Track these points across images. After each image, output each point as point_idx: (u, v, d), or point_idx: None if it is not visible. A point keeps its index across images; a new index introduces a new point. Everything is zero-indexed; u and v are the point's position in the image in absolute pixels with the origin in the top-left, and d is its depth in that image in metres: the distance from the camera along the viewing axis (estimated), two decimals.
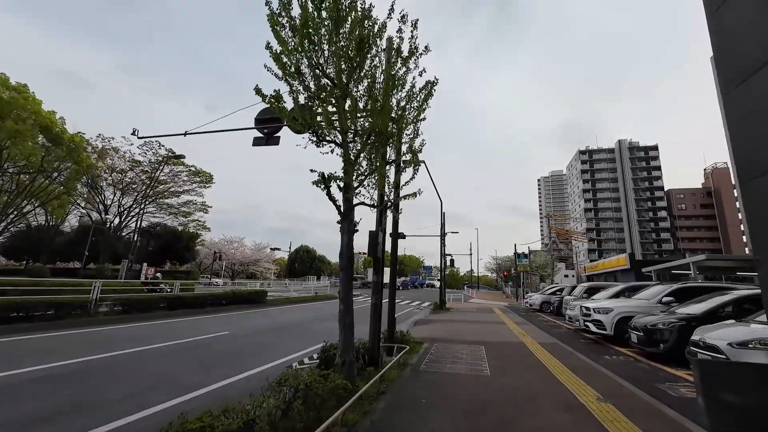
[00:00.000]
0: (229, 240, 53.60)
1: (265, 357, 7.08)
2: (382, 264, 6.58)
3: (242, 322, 11.95)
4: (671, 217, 73.97)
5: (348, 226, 5.06)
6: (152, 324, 10.65)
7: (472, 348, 8.01)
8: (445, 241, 24.04)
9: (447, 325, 12.47)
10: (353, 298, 5.06)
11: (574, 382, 5.24)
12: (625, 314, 8.41)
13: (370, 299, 6.32)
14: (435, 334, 10.00)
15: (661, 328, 6.58)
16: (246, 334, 9.76)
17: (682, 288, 8.52)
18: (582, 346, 8.49)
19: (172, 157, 26.99)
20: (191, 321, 11.55)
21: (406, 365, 6.26)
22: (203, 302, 13.77)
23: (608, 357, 7.31)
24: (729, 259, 17.34)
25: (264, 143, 9.58)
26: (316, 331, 10.59)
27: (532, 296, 21.66)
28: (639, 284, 11.33)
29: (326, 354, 5.15)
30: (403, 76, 5.15)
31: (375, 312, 6.20)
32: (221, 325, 10.91)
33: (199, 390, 4.83)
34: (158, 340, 8.30)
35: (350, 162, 4.79)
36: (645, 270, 20.84)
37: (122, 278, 22.60)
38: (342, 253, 5.04)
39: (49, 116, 24.57)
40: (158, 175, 32.48)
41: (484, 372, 5.90)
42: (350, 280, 4.96)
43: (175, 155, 24.58)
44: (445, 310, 19.08)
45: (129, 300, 11.39)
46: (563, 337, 10.21)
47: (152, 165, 35.29)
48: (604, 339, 9.31)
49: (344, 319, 4.80)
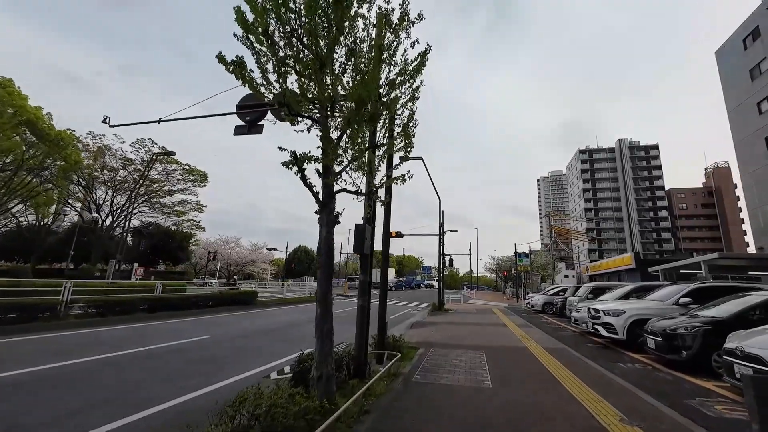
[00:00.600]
0: (225, 240, 52.76)
1: (243, 364, 6.39)
2: (371, 262, 5.88)
3: (227, 324, 11.23)
4: (672, 217, 73.38)
5: (327, 217, 4.35)
6: (128, 327, 9.93)
7: (471, 354, 7.31)
8: (443, 240, 23.35)
9: (445, 327, 11.77)
10: (349, 300, 4.35)
11: (590, 396, 4.53)
12: (639, 317, 7.71)
13: (357, 301, 5.61)
14: (431, 338, 9.30)
15: (684, 334, 5.88)
16: (228, 338, 9.05)
17: (700, 288, 7.83)
18: (591, 352, 7.79)
19: (162, 153, 26.21)
20: (172, 324, 10.82)
21: (398, 375, 5.56)
22: (188, 304, 13.04)
23: (622, 365, 6.60)
24: (742, 257, 16.69)
25: (246, 132, 8.86)
26: (306, 334, 9.87)
27: (534, 297, 20.96)
28: (650, 284, 10.62)
29: (302, 366, 4.43)
30: (392, 46, 4.45)
31: (362, 315, 5.49)
32: (204, 329, 10.19)
33: (152, 408, 4.12)
34: (130, 346, 7.60)
35: (329, 141, 4.08)
36: (651, 269, 20.14)
37: (110, 278, 21.87)
38: (320, 248, 4.34)
39: (35, 111, 23.82)
40: (148, 173, 31.63)
41: (485, 383, 5.19)
42: (329, 280, 4.26)
43: (166, 152, 23.83)
44: (443, 311, 18.38)
45: (105, 301, 10.66)
46: (569, 341, 9.51)
47: (145, 163, 34.54)
48: (614, 343, 8.61)
49: (321, 326, 4.10)
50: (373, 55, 4.15)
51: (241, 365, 6.35)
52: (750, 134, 23.68)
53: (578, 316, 10.66)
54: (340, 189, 4.52)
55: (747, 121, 24.04)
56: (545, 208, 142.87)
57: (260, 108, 8.11)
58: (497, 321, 14.14)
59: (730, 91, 25.86)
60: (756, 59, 23.27)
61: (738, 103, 24.83)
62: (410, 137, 4.70)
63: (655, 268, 19.65)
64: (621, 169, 78.25)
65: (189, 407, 4.25)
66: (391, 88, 4.63)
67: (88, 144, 32.82)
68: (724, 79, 26.47)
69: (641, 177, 76.74)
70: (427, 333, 10.38)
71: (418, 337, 9.56)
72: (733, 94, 25.53)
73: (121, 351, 7.08)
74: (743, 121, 24.39)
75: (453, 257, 33.41)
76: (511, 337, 9.78)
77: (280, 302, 19.44)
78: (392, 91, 4.62)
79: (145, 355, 6.94)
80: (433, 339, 9.23)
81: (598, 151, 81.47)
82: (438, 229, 23.53)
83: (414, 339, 9.14)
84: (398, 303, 24.66)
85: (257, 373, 5.88)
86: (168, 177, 38.15)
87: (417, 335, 9.88)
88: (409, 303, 24.91)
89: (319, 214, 4.44)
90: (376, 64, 4.11)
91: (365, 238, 5.42)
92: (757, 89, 23.12)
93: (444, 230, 23.57)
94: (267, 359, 6.85)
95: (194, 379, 5.34)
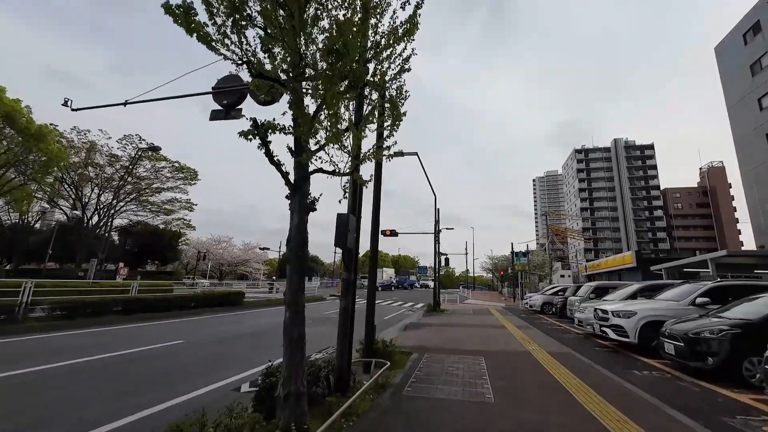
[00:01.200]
0: (217, 240, 51.63)
1: (213, 374, 5.63)
2: (356, 257, 5.15)
3: (207, 327, 10.44)
4: (667, 216, 73.42)
5: (300, 203, 3.63)
6: (97, 331, 9.10)
7: (470, 360, 6.61)
8: (439, 239, 22.69)
9: (441, 330, 11.06)
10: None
11: (611, 414, 3.84)
12: (652, 319, 7.06)
13: (339, 303, 4.88)
14: (426, 342, 8.59)
15: (709, 338, 5.22)
16: (204, 342, 8.27)
17: (718, 287, 7.19)
18: (601, 358, 7.12)
19: (147, 149, 25.22)
20: (146, 327, 10.02)
21: (386, 387, 4.83)
22: (168, 305, 12.21)
23: (637, 372, 5.94)
24: (750, 255, 16.19)
25: (223, 117, 8.09)
26: None
27: (533, 297, 20.34)
28: (659, 283, 9.99)
29: (268, 381, 3.69)
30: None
31: (345, 319, 4.76)
32: (179, 332, 9.40)
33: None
34: (91, 353, 6.81)
35: (300, 108, 3.36)
36: (654, 268, 19.60)
37: (91, 278, 20.94)
38: (290, 238, 3.61)
39: (13, 104, 22.74)
40: (134, 169, 30.56)
41: (486, 397, 4.49)
42: (300, 277, 3.53)
43: (151, 147, 22.87)
44: (439, 311, 17.69)
45: (74, 303, 9.82)
46: (574, 344, 8.85)
47: (132, 160, 33.51)
48: (623, 347, 7.96)
49: (290, 332, 3.37)
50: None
51: (210, 375, 5.59)
52: (750, 131, 23.29)
53: (582, 317, 10.01)
54: (315, 169, 3.80)
55: (747, 117, 23.65)
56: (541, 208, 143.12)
57: (238, 88, 7.35)
58: (495, 322, 13.47)
59: (729, 87, 25.48)
60: (757, 54, 22.89)
61: (738, 100, 24.45)
62: (398, 108, 3.99)
63: (657, 266, 19.11)
64: (616, 169, 78.20)
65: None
66: (378, 54, 3.91)
67: (72, 140, 31.76)
68: (724, 75, 26.09)
69: (637, 176, 76.73)
70: (421, 336, 9.67)
71: (412, 340, 8.85)
72: (733, 90, 25.14)
73: (78, 359, 6.30)
74: (743, 117, 24.00)
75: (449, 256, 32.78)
76: (511, 340, 9.10)
77: (269, 303, 18.62)
78: (380, 54, 3.90)
79: (104, 363, 6.16)
80: (427, 343, 8.52)
81: (594, 151, 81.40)
82: (433, 227, 22.88)
83: (407, 343, 8.42)
84: (393, 303, 23.94)
85: (225, 386, 5.13)
86: (157, 174, 37.14)
87: (411, 338, 9.16)
88: (404, 303, 24.20)
89: (290, 198, 3.71)
90: (357, 12, 3.40)
91: (348, 229, 4.69)
92: (757, 85, 22.73)
93: (440, 228, 22.91)
94: (241, 368, 6.09)
95: (149, 395, 4.58)
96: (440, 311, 17.90)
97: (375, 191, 5.96)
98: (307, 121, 3.33)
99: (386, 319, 15.16)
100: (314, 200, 3.84)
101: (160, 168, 36.88)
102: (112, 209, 33.57)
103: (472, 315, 16.72)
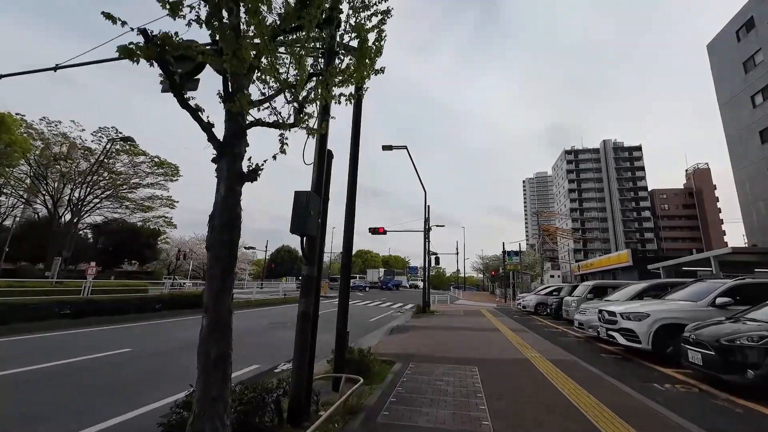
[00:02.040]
0: (200, 239, 49.85)
1: (146, 395, 4.54)
2: (321, 248, 4.12)
3: (164, 333, 9.25)
4: (655, 217, 74.20)
5: (230, 167, 2.61)
6: (29, 339, 7.86)
7: (461, 372, 5.64)
8: (429, 237, 21.79)
9: (429, 333, 10.09)
10: (328, 302, 2.59)
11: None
12: (667, 321, 6.21)
13: (298, 306, 3.84)
14: (413, 348, 7.59)
15: (747, 346, 4.35)
16: (153, 352, 7.12)
17: (741, 286, 6.38)
18: (611, 367, 6.22)
19: (120, 139, 23.66)
20: (93, 333, 8.78)
21: (358, 412, 3.82)
22: (127, 307, 10.95)
23: (659, 386, 5.04)
24: (756, 252, 15.67)
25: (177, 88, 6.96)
26: (259, 345, 8.04)
27: (526, 297, 19.55)
28: (668, 281, 9.18)
29: (176, 418, 2.63)
30: None
31: (304, 327, 3.72)
32: (129, 339, 8.22)
33: None
34: (9, 365, 5.62)
35: (222, 31, 2.33)
36: (651, 267, 19.00)
37: (54, 278, 19.42)
38: (214, 216, 2.57)
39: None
40: (103, 160, 28.77)
41: (483, 424, 3.51)
42: (226, 268, 2.50)
43: (124, 138, 21.39)
44: (429, 313, 16.75)
45: (7, 305, 8.53)
46: (577, 350, 7.97)
47: (105, 152, 31.77)
48: (632, 353, 7.10)
49: (206, 350, 2.37)
50: None
51: (142, 395, 4.50)
52: (743, 129, 22.99)
53: (583, 319, 9.15)
54: (252, 122, 2.77)
55: (740, 115, 23.35)
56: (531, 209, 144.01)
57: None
58: (488, 325, 12.57)
59: (722, 85, 25.20)
60: (750, 51, 22.59)
61: (731, 97, 24.16)
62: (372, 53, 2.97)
63: (655, 265, 18.48)
64: (605, 170, 78.77)
65: None
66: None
67: (42, 131, 29.91)
68: (716, 72, 25.81)
69: (625, 177, 77.43)
70: (408, 341, 8.67)
71: (397, 346, 7.84)
72: (725, 88, 24.86)
73: None
74: (736, 115, 23.70)
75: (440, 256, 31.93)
76: (507, 346, 8.18)
77: (247, 304, 17.41)
78: None
79: (14, 381, 4.99)
80: (414, 349, 7.53)
81: (584, 152, 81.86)
82: (423, 224, 21.96)
83: (391, 349, 7.42)
84: (381, 304, 22.93)
85: (156, 410, 4.06)
86: (135, 169, 35.39)
87: (395, 344, 8.16)
88: (392, 304, 23.21)
89: (217, 161, 2.68)
90: None
91: (308, 211, 3.66)
92: (751, 82, 22.43)
93: (430, 225, 22.01)
94: (184, 385, 4.99)
95: (48, 423, 3.48)
96: (430, 312, 16.97)
97: (350, 163, 4.93)
98: (231, 43, 2.30)
99: (372, 321, 14.16)
100: (256, 168, 2.81)
101: (138, 163, 35.19)
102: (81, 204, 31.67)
103: (464, 317, 15.82)
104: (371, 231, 23.84)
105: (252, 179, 2.81)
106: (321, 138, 4.16)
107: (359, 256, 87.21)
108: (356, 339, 9.10)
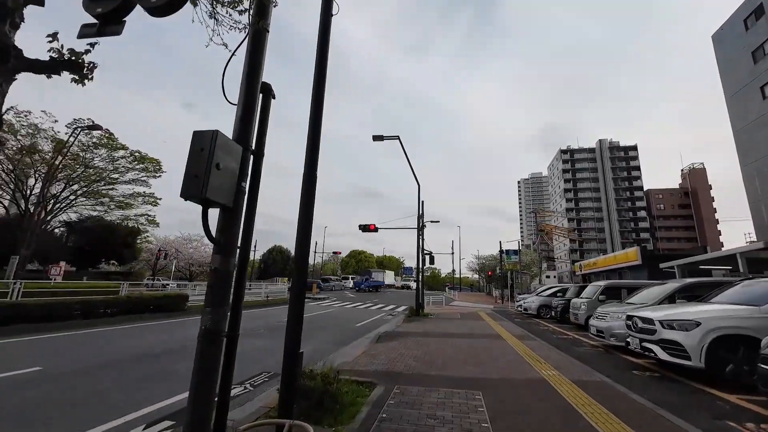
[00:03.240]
0: (186, 238, 47.78)
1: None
2: (248, 229, 2.64)
3: (95, 346, 7.65)
4: (650, 217, 73.67)
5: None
6: None
7: (461, 401, 4.19)
8: (423, 234, 20.35)
9: (422, 342, 8.62)
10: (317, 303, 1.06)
11: None
12: (725, 332, 4.82)
13: (201, 319, 2.36)
14: (400, 363, 6.12)
15: None
16: (71, 370, 5.57)
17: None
18: (658, 393, 4.79)
19: (84, 128, 21.84)
20: (9, 345, 7.20)
21: None
22: (66, 312, 9.33)
23: (739, 427, 3.64)
24: None
25: (97, 33, 5.42)
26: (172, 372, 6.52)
27: (527, 299, 18.17)
28: (706, 281, 7.70)
29: None
30: None
31: (208, 352, 2.24)
32: (48, 354, 6.67)
33: None
34: None
35: None
36: (664, 265, 17.62)
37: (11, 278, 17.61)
38: None
39: None
40: (68, 148, 26.77)
41: None
42: None
43: (91, 126, 19.66)
44: (422, 316, 15.29)
45: None
46: (599, 364, 6.57)
47: (82, 146, 29.90)
48: (670, 368, 5.73)
49: None
50: None
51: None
52: (752, 121, 21.93)
53: (603, 326, 7.75)
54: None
55: (749, 107, 22.30)
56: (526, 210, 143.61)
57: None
58: (489, 330, 11.14)
59: (729, 76, 24.16)
60: (760, 39, 21.55)
61: (738, 89, 23.11)
62: None
63: (668, 263, 17.12)
64: (601, 170, 78.19)
65: None
66: None
67: (9, 120, 27.96)
68: (723, 64, 24.78)
69: (621, 177, 76.90)
70: (395, 353, 7.18)
71: (381, 361, 6.36)
72: (732, 79, 23.82)
73: None
74: (744, 107, 22.66)
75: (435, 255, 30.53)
76: (514, 359, 6.74)
77: None
78: None
79: None
80: (402, 365, 6.06)
81: (579, 152, 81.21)
82: (417, 221, 20.53)
83: (373, 366, 5.95)
84: (371, 306, 21.44)
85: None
86: (114, 164, 33.51)
87: (380, 357, 6.67)
88: (384, 306, 21.73)
89: None
90: None
91: (210, 164, 2.17)
92: (760, 72, 21.39)
93: (424, 222, 20.58)
94: (98, 418, 3.51)
95: None
96: (424, 315, 15.51)
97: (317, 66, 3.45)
98: None
99: (359, 326, 12.66)
100: None
101: (118, 157, 33.33)
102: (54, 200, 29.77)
103: (461, 320, 14.40)
104: (361, 228, 22.37)
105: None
106: (255, 38, 2.71)
107: (353, 256, 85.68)
108: (334, 350, 7.63)
